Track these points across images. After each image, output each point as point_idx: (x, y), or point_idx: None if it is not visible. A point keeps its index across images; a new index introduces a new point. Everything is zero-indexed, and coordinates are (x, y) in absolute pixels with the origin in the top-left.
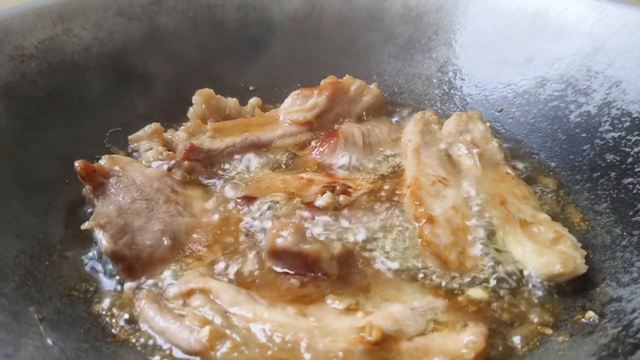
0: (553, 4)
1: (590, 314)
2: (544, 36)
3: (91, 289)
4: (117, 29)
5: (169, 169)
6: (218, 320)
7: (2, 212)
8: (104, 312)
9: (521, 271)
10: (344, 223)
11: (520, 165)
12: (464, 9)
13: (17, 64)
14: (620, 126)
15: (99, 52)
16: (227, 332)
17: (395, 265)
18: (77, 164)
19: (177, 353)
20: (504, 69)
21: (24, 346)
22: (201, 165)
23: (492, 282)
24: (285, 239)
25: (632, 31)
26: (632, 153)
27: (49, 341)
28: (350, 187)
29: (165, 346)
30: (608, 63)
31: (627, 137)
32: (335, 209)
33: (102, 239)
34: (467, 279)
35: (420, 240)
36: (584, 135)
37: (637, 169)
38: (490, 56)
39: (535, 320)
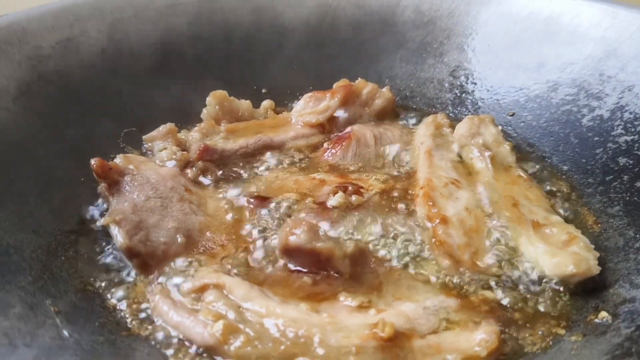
0: (565, 9)
1: (603, 314)
2: (556, 41)
3: (106, 284)
4: (133, 31)
5: (182, 168)
6: (231, 315)
7: (19, 208)
8: (118, 307)
9: (534, 272)
10: (357, 223)
11: (532, 169)
12: (476, 14)
13: (35, 64)
14: (633, 130)
15: (115, 54)
16: (241, 326)
17: (407, 264)
18: (93, 161)
19: (191, 347)
20: (516, 73)
21: (41, 337)
22: (214, 166)
23: (505, 283)
24: (298, 236)
25: None
26: None
27: (65, 333)
28: (362, 187)
29: (180, 340)
30: (620, 67)
31: None
32: (347, 208)
33: (118, 235)
34: (479, 279)
35: (433, 240)
36: (596, 139)
37: None
38: (502, 61)
39: (548, 320)
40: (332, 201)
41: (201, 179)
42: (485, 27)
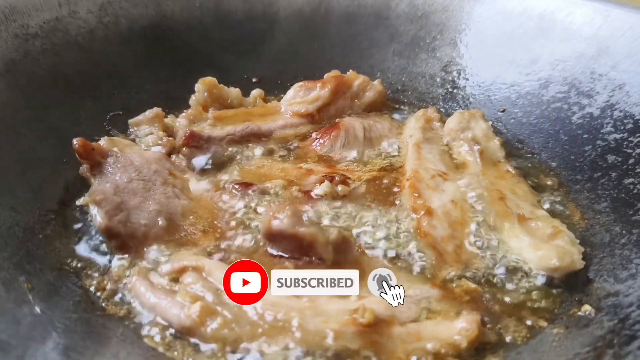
0: (559, 7)
1: (586, 307)
2: (549, 38)
3: (83, 264)
4: (123, 14)
5: (168, 154)
6: (209, 297)
7: None
8: (94, 287)
9: (518, 265)
10: (341, 212)
11: (521, 165)
12: (470, 9)
13: (22, 42)
14: (622, 128)
15: (104, 36)
16: (218, 309)
17: (391, 254)
18: (75, 141)
19: (166, 329)
20: (508, 70)
21: (11, 312)
22: (200, 152)
23: (488, 274)
24: (281, 221)
25: (636, 35)
26: (633, 154)
27: (37, 309)
28: (349, 178)
29: (155, 322)
30: (612, 66)
31: (629, 139)
32: (333, 198)
33: (97, 215)
34: (463, 271)
35: (418, 231)
36: (585, 136)
37: (638, 170)
38: (495, 57)
39: (530, 312)
40: (318, 190)
41: (186, 164)
42: (478, 22)
